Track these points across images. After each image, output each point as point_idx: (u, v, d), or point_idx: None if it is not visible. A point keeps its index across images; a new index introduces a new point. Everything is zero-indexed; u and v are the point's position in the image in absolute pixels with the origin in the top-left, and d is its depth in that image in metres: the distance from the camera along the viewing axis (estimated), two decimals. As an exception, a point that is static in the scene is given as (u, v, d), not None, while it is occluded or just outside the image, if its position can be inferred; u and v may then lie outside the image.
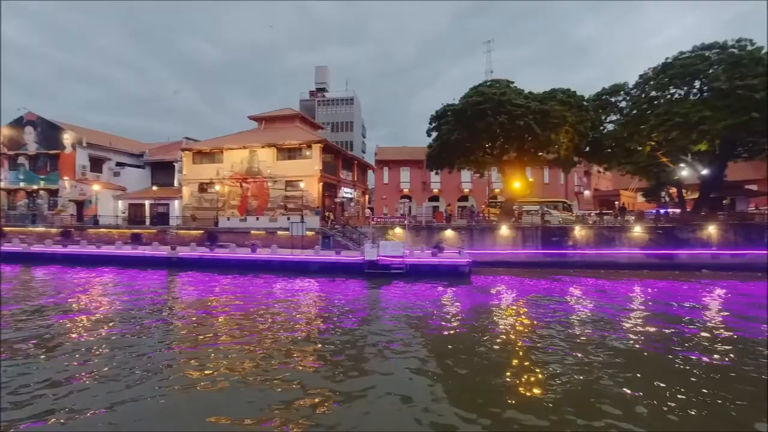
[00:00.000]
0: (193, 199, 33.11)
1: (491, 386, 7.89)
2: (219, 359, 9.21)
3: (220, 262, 23.60)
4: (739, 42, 24.33)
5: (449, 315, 13.50)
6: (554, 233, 25.07)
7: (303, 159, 31.24)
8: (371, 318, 13.12)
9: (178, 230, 30.81)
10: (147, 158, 40.15)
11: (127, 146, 40.80)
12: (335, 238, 26.99)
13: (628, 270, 22.62)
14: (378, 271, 20.86)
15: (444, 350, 10.15)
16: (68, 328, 11.59)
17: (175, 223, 32.46)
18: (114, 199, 35.69)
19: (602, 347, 10.05)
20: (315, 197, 30.61)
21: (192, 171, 33.35)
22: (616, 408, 6.87)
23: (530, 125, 25.05)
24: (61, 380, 7.94)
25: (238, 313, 13.52)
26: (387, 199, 45.58)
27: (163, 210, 34.55)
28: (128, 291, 17.25)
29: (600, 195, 52.48)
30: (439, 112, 29.56)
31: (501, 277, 20.92)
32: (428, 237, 26.41)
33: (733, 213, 27.49)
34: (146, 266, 23.74)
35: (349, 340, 10.74)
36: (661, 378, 8.10)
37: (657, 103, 25.71)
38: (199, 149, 33.63)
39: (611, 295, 16.66)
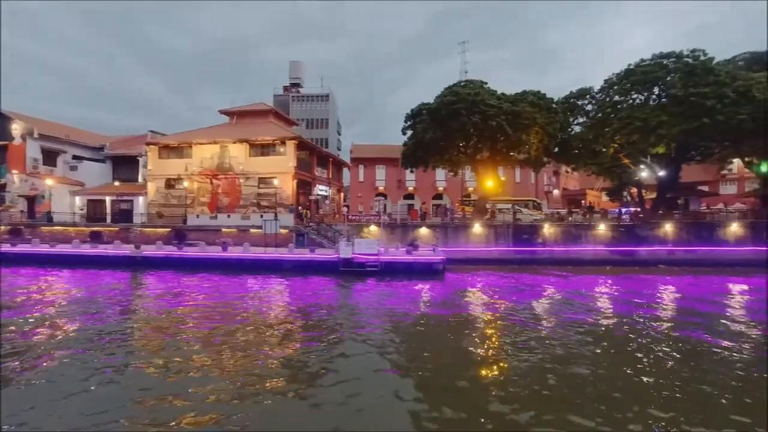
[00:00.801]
0: (160, 196, 31.68)
1: (465, 380, 8.03)
2: (185, 363, 8.86)
3: (188, 262, 22.71)
4: (694, 52, 25.93)
5: (424, 312, 13.64)
6: (525, 231, 25.85)
7: (277, 155, 30.57)
8: (346, 316, 13.04)
9: (143, 228, 29.40)
10: (108, 152, 37.98)
11: (86, 139, 38.45)
12: (310, 236, 26.63)
13: (593, 266, 23.67)
14: (353, 269, 20.75)
15: (419, 347, 10.24)
16: (10, 336, 10.79)
17: (140, 221, 30.95)
18: (71, 195, 33.55)
19: (568, 338, 10.46)
20: (289, 194, 30.05)
21: (158, 166, 31.88)
22: (582, 392, 7.17)
23: (502, 126, 25.67)
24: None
25: (207, 314, 13.06)
26: (362, 197, 45.45)
27: (126, 207, 32.81)
28: (85, 293, 16.27)
29: (568, 194, 54.67)
30: (415, 111, 29.75)
31: (474, 274, 21.35)
32: (403, 235, 26.55)
33: (687, 212, 29.39)
34: (108, 266, 22.49)
35: (323, 339, 10.62)
36: (622, 360, 8.56)
37: (620, 108, 27.02)
38: (166, 143, 32.19)
39: (577, 290, 17.37)
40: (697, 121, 23.04)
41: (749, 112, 22.25)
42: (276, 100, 65.50)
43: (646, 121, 24.31)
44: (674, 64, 25.71)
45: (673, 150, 27.26)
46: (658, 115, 24.21)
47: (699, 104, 22.94)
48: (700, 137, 25.17)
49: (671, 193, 30.97)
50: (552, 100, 29.34)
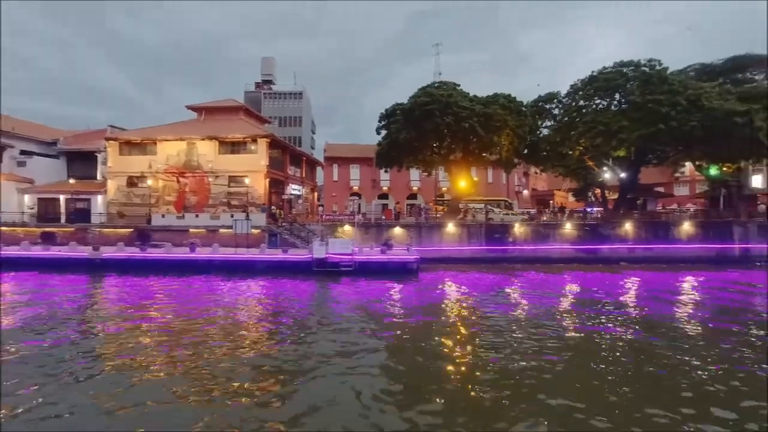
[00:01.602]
0: (121, 194, 29.99)
1: (441, 379, 8.10)
2: (148, 370, 8.40)
3: (153, 263, 21.64)
4: (650, 62, 27.51)
5: (398, 311, 13.66)
6: (497, 230, 26.51)
7: (248, 154, 29.72)
8: (319, 317, 12.85)
9: (103, 229, 27.73)
10: (62, 147, 35.47)
11: (36, 132, 35.70)
12: (282, 236, 26.08)
13: (560, 263, 24.61)
14: (327, 269, 20.52)
15: (393, 346, 10.24)
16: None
17: (99, 221, 29.16)
18: (19, 193, 31.09)
19: (538, 332, 10.79)
20: (261, 194, 29.29)
21: (119, 163, 30.18)
22: (551, 384, 7.41)
23: (475, 127, 26.21)
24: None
25: (172, 318, 12.48)
26: (336, 196, 45.05)
27: (83, 206, 30.77)
28: (34, 298, 15.12)
29: (537, 194, 56.64)
30: (389, 111, 29.83)
31: (447, 273, 21.65)
32: (377, 234, 26.53)
33: (645, 212, 31.18)
34: (62, 269, 21.01)
35: (297, 341, 10.40)
36: (586, 353, 8.93)
37: (585, 112, 28.26)
38: (128, 139, 30.54)
39: (545, 286, 18.00)
40: (654, 127, 24.48)
41: (699, 120, 23.87)
42: (247, 97, 63.70)
43: (609, 126, 25.56)
44: (633, 73, 27.18)
45: (633, 153, 28.84)
46: (619, 120, 25.52)
47: (655, 111, 24.38)
48: (656, 142, 26.78)
49: (631, 194, 32.74)
50: (522, 103, 30.27)
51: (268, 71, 68.97)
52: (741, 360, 8.99)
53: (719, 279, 19.95)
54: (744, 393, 7.30)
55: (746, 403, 6.88)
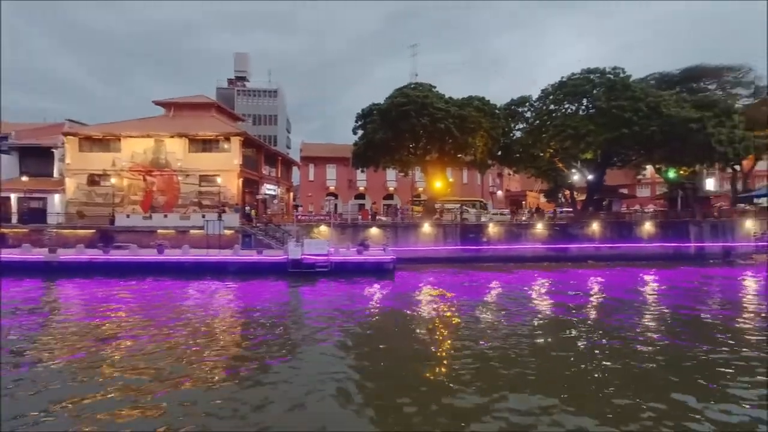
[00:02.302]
0: (81, 193, 28.35)
1: (418, 378, 8.13)
2: (113, 380, 7.96)
3: (117, 266, 20.59)
4: (615, 69, 28.84)
5: (374, 311, 13.65)
6: (471, 230, 26.99)
7: (220, 152, 28.86)
8: (295, 319, 12.64)
9: (60, 230, 26.10)
10: (13, 142, 33.05)
11: (-14, 127, 33.22)
12: (257, 236, 25.47)
13: (532, 262, 25.35)
14: (302, 270, 20.22)
15: (370, 347, 10.21)
16: None
17: (56, 221, 27.43)
18: (-33, 192, 28.79)
19: (511, 330, 11.05)
20: (234, 193, 28.52)
21: (79, 160, 28.53)
22: (523, 378, 7.61)
23: (450, 128, 26.58)
24: None
25: (139, 323, 11.91)
26: (312, 196, 44.52)
27: (37, 205, 28.83)
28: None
29: (510, 195, 58.19)
30: (365, 111, 29.79)
31: (423, 273, 21.84)
32: (354, 235, 26.41)
33: (610, 212, 32.66)
34: (13, 273, 19.60)
35: (272, 343, 10.17)
36: (558, 343, 9.25)
37: (554, 116, 29.30)
38: (89, 135, 28.92)
39: (518, 285, 18.51)
40: (618, 131, 25.70)
41: (658, 125, 25.26)
42: (219, 93, 61.72)
43: (577, 129, 26.62)
44: (599, 79, 28.42)
45: (599, 156, 30.18)
46: (586, 125, 26.62)
47: (619, 116, 25.61)
48: (620, 145, 28.13)
49: (598, 195, 34.22)
50: (495, 106, 30.97)
51: (241, 67, 67.11)
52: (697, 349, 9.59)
53: (677, 275, 21.19)
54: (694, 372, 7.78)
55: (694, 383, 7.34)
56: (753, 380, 7.81)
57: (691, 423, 6.25)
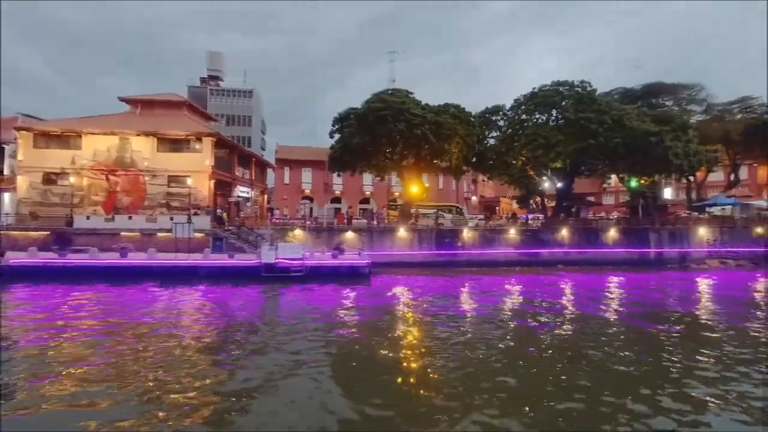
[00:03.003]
0: (35, 192, 26.57)
1: (393, 382, 8.09)
2: (68, 394, 7.44)
3: (74, 271, 19.36)
4: (582, 83, 30.27)
5: (348, 316, 13.53)
6: (446, 235, 27.35)
7: (191, 152, 27.92)
8: (268, 324, 12.31)
9: (10, 231, 24.28)
10: (-38, 137, 30.73)
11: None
12: (229, 240, 24.73)
13: (505, 267, 25.95)
14: (276, 274, 19.82)
15: (343, 350, 10.09)
16: None
17: (5, 222, 25.52)
18: None
19: (485, 333, 11.25)
20: (205, 195, 27.63)
21: (33, 157, 26.76)
22: (496, 381, 7.73)
23: (427, 134, 26.92)
24: None
25: (98, 331, 11.22)
26: (287, 199, 43.78)
27: (-14, 205, 26.84)
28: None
29: (484, 201, 59.57)
30: (343, 115, 29.74)
31: (399, 277, 21.89)
32: (329, 239, 26.15)
33: (578, 219, 34.02)
34: (-42, 278, 18.06)
35: (243, 348, 9.85)
36: (527, 346, 9.49)
37: (526, 125, 30.32)
38: (46, 130, 27.23)
39: (492, 289, 18.91)
40: (585, 142, 26.92)
41: (622, 137, 26.66)
42: (191, 92, 59.68)
43: (547, 139, 27.65)
44: (568, 92, 29.72)
45: (568, 165, 31.45)
46: (556, 135, 27.71)
47: (586, 127, 26.85)
48: (587, 155, 29.44)
49: (567, 202, 35.60)
50: (471, 113, 31.68)
51: (215, 66, 65.31)
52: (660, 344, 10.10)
53: (639, 279, 22.31)
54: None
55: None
56: (705, 375, 8.30)
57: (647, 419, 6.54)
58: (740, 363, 9.06)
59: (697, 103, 41.86)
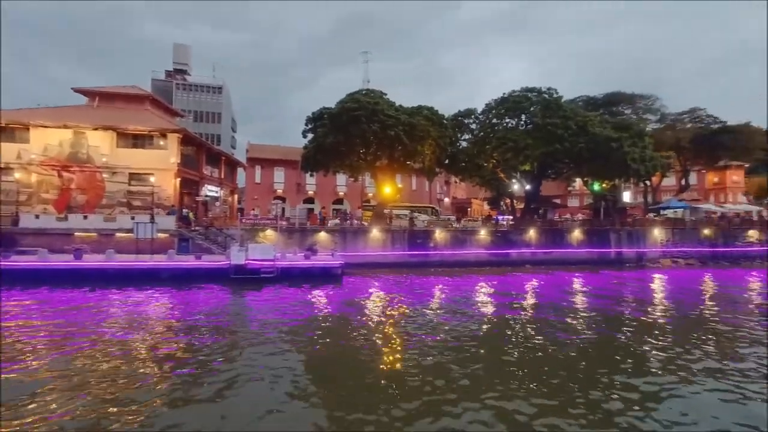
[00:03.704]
0: (-24, 189, 24.43)
1: (366, 385, 8.02)
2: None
3: (19, 274, 17.94)
4: (549, 89, 31.51)
5: (319, 318, 13.36)
6: (419, 236, 27.60)
7: (155, 149, 26.62)
8: (234, 327, 11.91)
9: (-51, 231, 22.19)
10: None
11: None
12: (196, 240, 23.76)
13: (476, 267, 26.51)
14: (246, 276, 19.27)
15: (312, 353, 9.92)
16: None
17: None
18: None
19: (455, 332, 11.39)
20: (171, 194, 26.43)
21: (-24, 151, 24.59)
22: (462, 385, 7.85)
23: (400, 136, 27.05)
24: None
25: (45, 341, 10.41)
26: (259, 199, 42.65)
27: None
28: None
29: (457, 202, 60.65)
30: (316, 115, 29.35)
31: (372, 278, 21.83)
32: (301, 239, 25.73)
33: (545, 220, 35.33)
34: None
35: (209, 354, 9.44)
36: (500, 342, 9.72)
37: (497, 129, 31.18)
38: (-10, 122, 25.09)
39: (463, 289, 19.21)
40: (552, 146, 28.02)
41: (586, 142, 27.98)
42: (155, 85, 56.85)
43: (517, 143, 28.55)
44: (536, 98, 30.84)
45: (536, 168, 32.62)
46: (525, 139, 28.67)
47: (553, 132, 27.97)
48: (554, 159, 30.67)
49: (535, 204, 36.92)
50: (443, 116, 32.16)
51: (181, 60, 62.51)
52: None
53: (601, 277, 23.43)
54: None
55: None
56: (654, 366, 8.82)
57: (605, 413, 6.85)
58: (685, 349, 9.71)
59: (652, 112, 44.72)
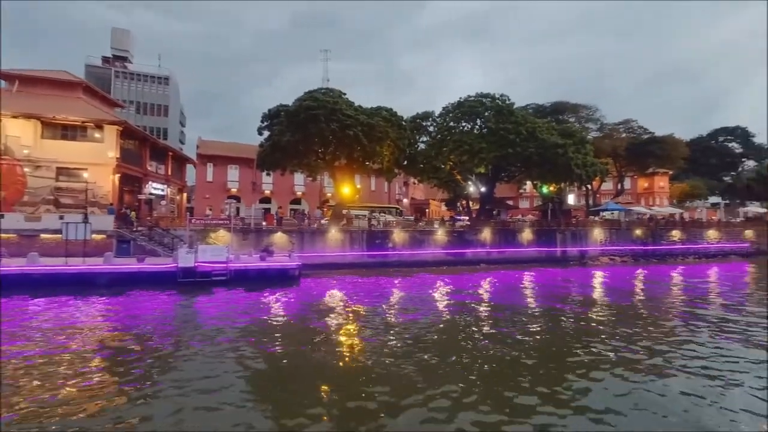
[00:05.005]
0: None
1: (316, 388, 7.77)
2: None
3: None
4: (502, 96, 32.96)
5: (274, 321, 12.86)
6: (378, 236, 27.59)
7: (89, 142, 24.28)
8: (179, 334, 11.06)
9: None
10: None
11: None
12: (138, 242, 21.93)
13: (433, 267, 27.01)
14: (196, 279, 18.13)
15: (268, 356, 9.48)
16: None
17: None
18: None
19: (411, 332, 11.46)
20: (108, 191, 24.20)
21: None
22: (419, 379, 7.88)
23: (359, 136, 26.92)
24: None
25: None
26: (211, 198, 40.37)
27: None
28: None
29: (415, 203, 61.58)
30: (272, 112, 28.43)
31: (329, 279, 21.47)
32: (257, 240, 24.70)
33: (499, 221, 36.90)
34: None
35: (150, 367, 8.66)
36: (454, 339, 9.89)
37: (454, 132, 32.03)
38: None
39: (420, 288, 19.44)
40: (505, 150, 29.32)
41: (535, 148, 29.59)
42: (89, 72, 51.57)
43: (472, 146, 29.53)
44: (490, 103, 32.12)
45: (490, 171, 33.97)
46: (480, 142, 29.73)
47: (505, 137, 29.27)
48: (507, 162, 32.12)
49: (489, 205, 38.43)
50: (402, 117, 32.52)
51: (121, 46, 57.18)
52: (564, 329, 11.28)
53: (548, 274, 24.87)
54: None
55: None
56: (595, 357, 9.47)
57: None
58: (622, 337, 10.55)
59: (593, 121, 48.51)
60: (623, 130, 49.48)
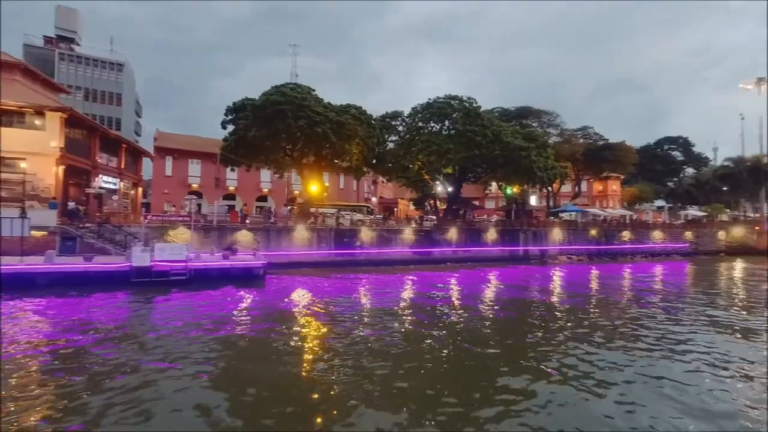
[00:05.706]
0: None
1: (280, 394, 7.55)
2: None
3: None
4: (469, 99, 33.72)
5: (235, 323, 12.37)
6: (345, 235, 27.37)
7: (28, 129, 22.22)
8: (133, 342, 10.35)
9: None
10: None
11: None
12: (86, 239, 20.36)
13: (401, 265, 27.17)
14: (151, 279, 17.10)
15: (231, 361, 9.10)
16: None
17: None
18: None
19: (378, 331, 11.45)
20: (51, 184, 22.26)
21: None
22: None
23: (328, 133, 26.50)
24: None
25: None
26: (170, 194, 38.30)
27: None
28: None
29: (384, 202, 61.72)
30: (237, 105, 27.37)
31: (296, 278, 21.01)
32: (220, 238, 23.73)
33: (465, 220, 37.77)
34: None
35: (94, 370, 8.03)
36: (422, 335, 9.99)
37: (422, 132, 32.38)
38: None
39: (387, 287, 19.52)
40: (471, 151, 30.02)
41: (500, 150, 30.55)
42: (29, 52, 46.82)
43: (440, 147, 30.00)
44: (458, 105, 32.75)
45: (458, 171, 34.69)
46: (447, 143, 30.26)
47: (472, 139, 29.98)
48: (473, 163, 32.95)
49: (456, 205, 39.22)
50: (371, 116, 32.42)
51: (67, 26, 52.22)
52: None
53: (511, 272, 25.81)
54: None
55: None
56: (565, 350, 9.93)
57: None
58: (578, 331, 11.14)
59: (553, 127, 50.94)
60: (581, 135, 52.36)
